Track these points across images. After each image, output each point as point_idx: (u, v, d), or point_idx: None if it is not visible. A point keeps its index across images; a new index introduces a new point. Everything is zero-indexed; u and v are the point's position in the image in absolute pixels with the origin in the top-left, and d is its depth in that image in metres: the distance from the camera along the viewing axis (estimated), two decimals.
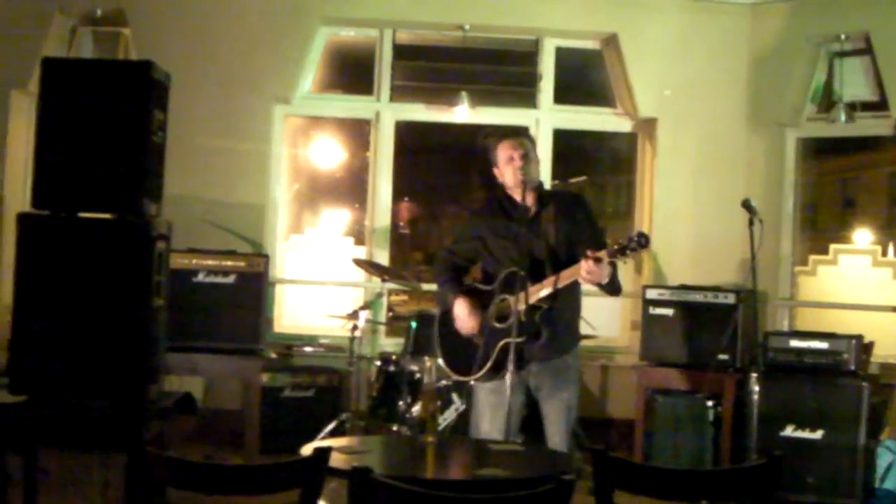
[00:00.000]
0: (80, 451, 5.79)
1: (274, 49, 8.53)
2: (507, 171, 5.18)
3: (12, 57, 8.25)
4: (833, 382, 6.67)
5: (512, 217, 5.15)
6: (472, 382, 5.31)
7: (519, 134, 5.37)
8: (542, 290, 4.97)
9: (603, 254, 4.81)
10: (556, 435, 5.13)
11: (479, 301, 5.22)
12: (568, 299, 5.17)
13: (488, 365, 5.06)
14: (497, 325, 5.09)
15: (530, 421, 5.57)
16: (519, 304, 4.89)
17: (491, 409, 5.17)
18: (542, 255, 5.09)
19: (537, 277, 4.99)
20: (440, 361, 5.36)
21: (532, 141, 5.37)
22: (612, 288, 5.07)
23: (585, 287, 5.15)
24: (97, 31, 8.63)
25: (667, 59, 8.64)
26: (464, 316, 5.21)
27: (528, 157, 5.16)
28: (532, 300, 4.95)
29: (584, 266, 4.79)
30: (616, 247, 4.79)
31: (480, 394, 5.27)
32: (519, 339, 4.89)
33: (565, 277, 4.94)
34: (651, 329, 7.70)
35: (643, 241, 4.76)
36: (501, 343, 5.01)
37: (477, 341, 5.15)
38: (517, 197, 5.13)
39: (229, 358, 7.63)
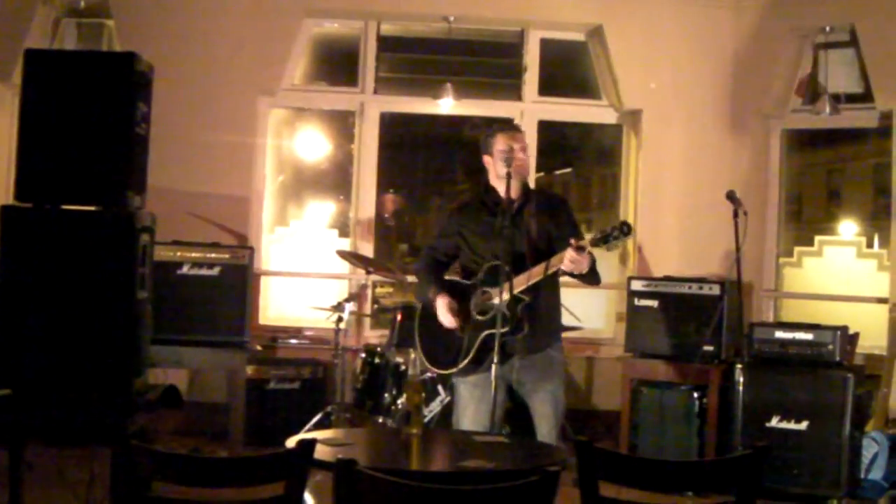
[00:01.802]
0: (65, 445, 5.77)
1: (258, 41, 8.49)
2: (498, 162, 5.16)
3: None
4: (818, 373, 6.66)
5: (494, 211, 5.15)
6: (454, 378, 5.31)
7: (516, 129, 5.35)
8: (528, 281, 4.98)
9: (586, 242, 4.86)
10: (545, 427, 5.13)
11: (461, 295, 5.21)
12: (548, 294, 5.20)
13: (469, 357, 5.06)
14: (479, 317, 5.10)
15: (514, 414, 5.57)
16: (502, 295, 4.88)
17: (474, 404, 5.17)
18: (522, 248, 5.11)
19: (518, 270, 5.01)
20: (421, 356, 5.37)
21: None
22: (592, 278, 5.12)
23: (568, 279, 5.18)
24: (81, 23, 8.59)
25: (652, 51, 8.63)
26: (443, 313, 5.20)
27: (526, 151, 5.23)
28: (515, 291, 4.95)
29: (568, 255, 4.82)
30: (599, 235, 4.82)
31: (462, 388, 5.27)
32: (502, 331, 4.89)
33: (552, 265, 4.95)
34: (636, 320, 7.69)
35: (626, 230, 4.79)
36: (483, 335, 5.01)
37: (459, 334, 5.14)
38: (501, 189, 5.13)
39: (214, 350, 7.61)
